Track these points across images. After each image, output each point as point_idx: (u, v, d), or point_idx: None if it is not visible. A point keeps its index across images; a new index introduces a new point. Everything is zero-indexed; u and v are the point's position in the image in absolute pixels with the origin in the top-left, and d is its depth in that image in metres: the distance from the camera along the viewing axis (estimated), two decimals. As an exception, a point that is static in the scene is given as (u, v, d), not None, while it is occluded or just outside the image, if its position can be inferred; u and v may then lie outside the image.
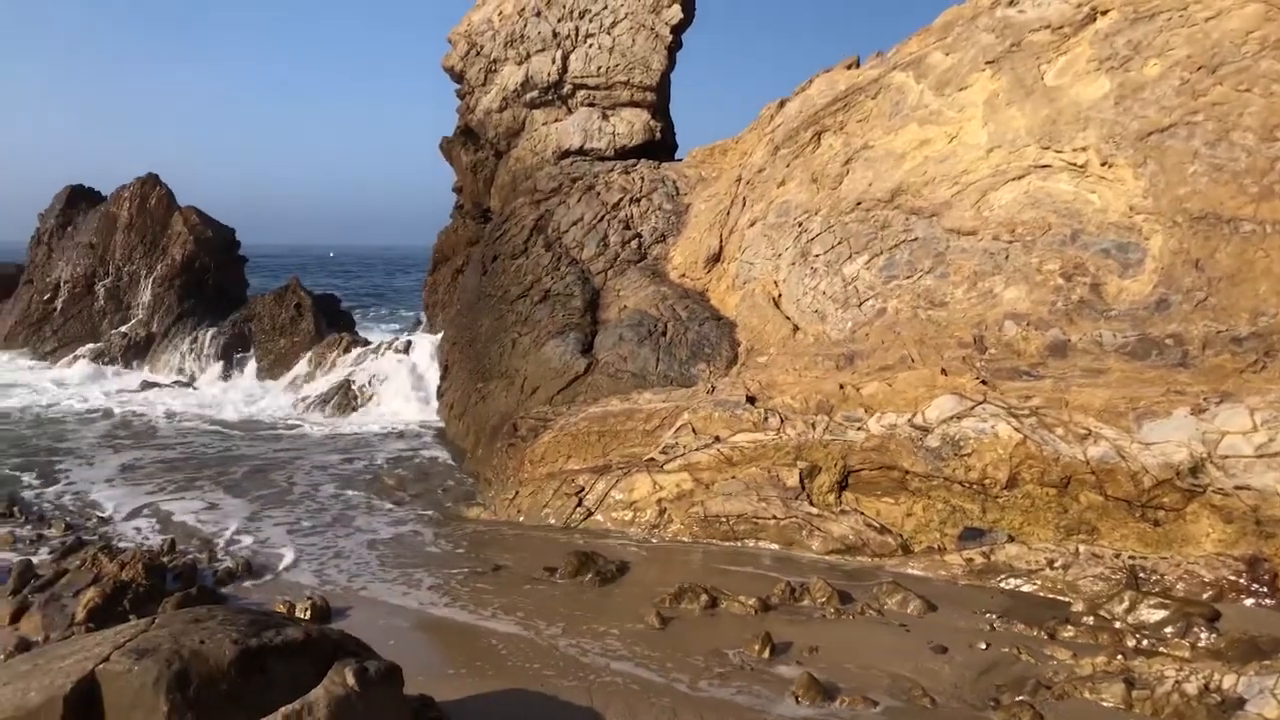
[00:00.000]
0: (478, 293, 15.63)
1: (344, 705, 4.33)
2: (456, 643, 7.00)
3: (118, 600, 7.35)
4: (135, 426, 16.20)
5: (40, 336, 26.83)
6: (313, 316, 22.03)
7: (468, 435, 13.65)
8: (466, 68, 18.78)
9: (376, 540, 9.64)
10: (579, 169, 16.02)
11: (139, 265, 26.85)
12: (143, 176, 27.68)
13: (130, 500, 11.36)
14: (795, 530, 8.53)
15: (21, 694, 3.99)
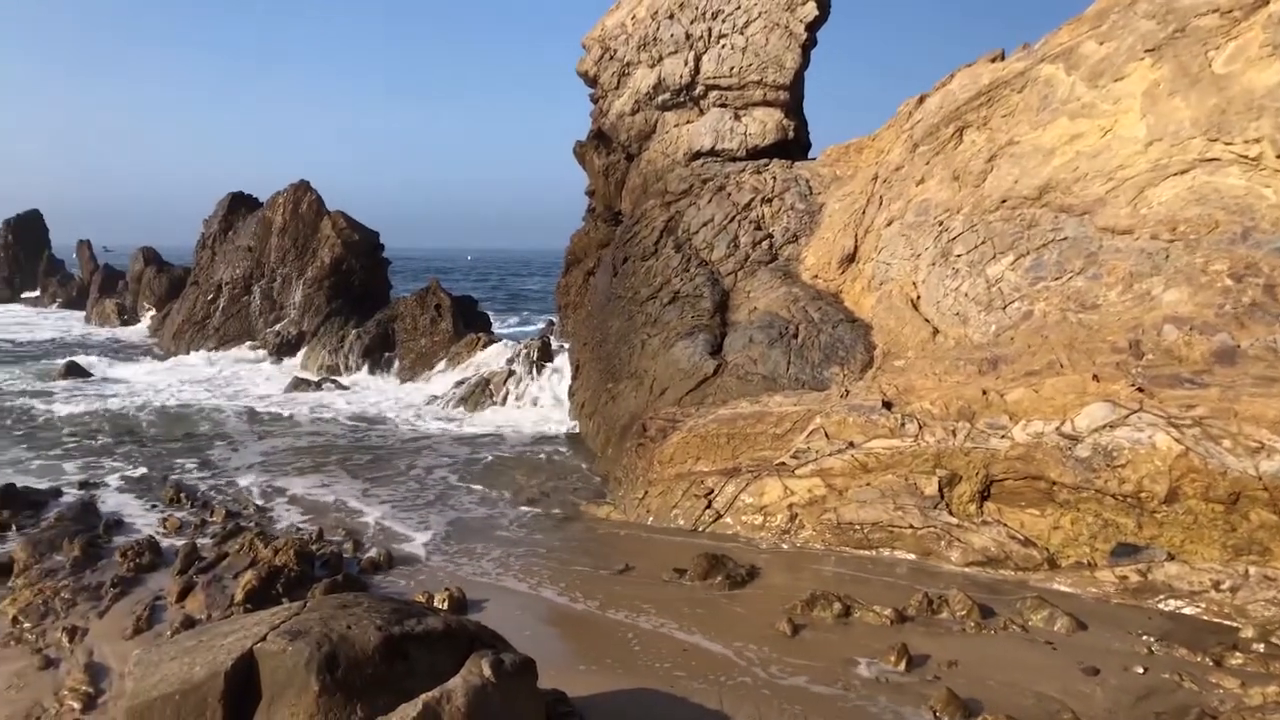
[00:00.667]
0: (608, 294, 15.79)
1: (481, 695, 4.42)
2: (588, 639, 7.07)
3: (272, 584, 7.75)
4: (286, 421, 17.09)
5: (204, 334, 28.74)
6: (452, 317, 22.75)
7: (598, 435, 13.80)
8: (600, 72, 19.03)
9: (510, 536, 9.86)
10: (710, 170, 15.97)
11: (291, 267, 28.39)
12: (295, 183, 29.27)
13: (282, 490, 11.99)
14: (933, 540, 8.24)
15: (188, 668, 4.24)
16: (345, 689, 4.26)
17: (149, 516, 10.74)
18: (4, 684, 6.29)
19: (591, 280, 18.43)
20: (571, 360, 17.14)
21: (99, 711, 5.80)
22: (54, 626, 7.29)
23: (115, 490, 11.93)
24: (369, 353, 23.65)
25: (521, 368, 17.88)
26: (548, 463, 13.55)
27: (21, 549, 8.99)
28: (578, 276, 19.94)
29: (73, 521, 9.98)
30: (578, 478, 12.51)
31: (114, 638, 7.09)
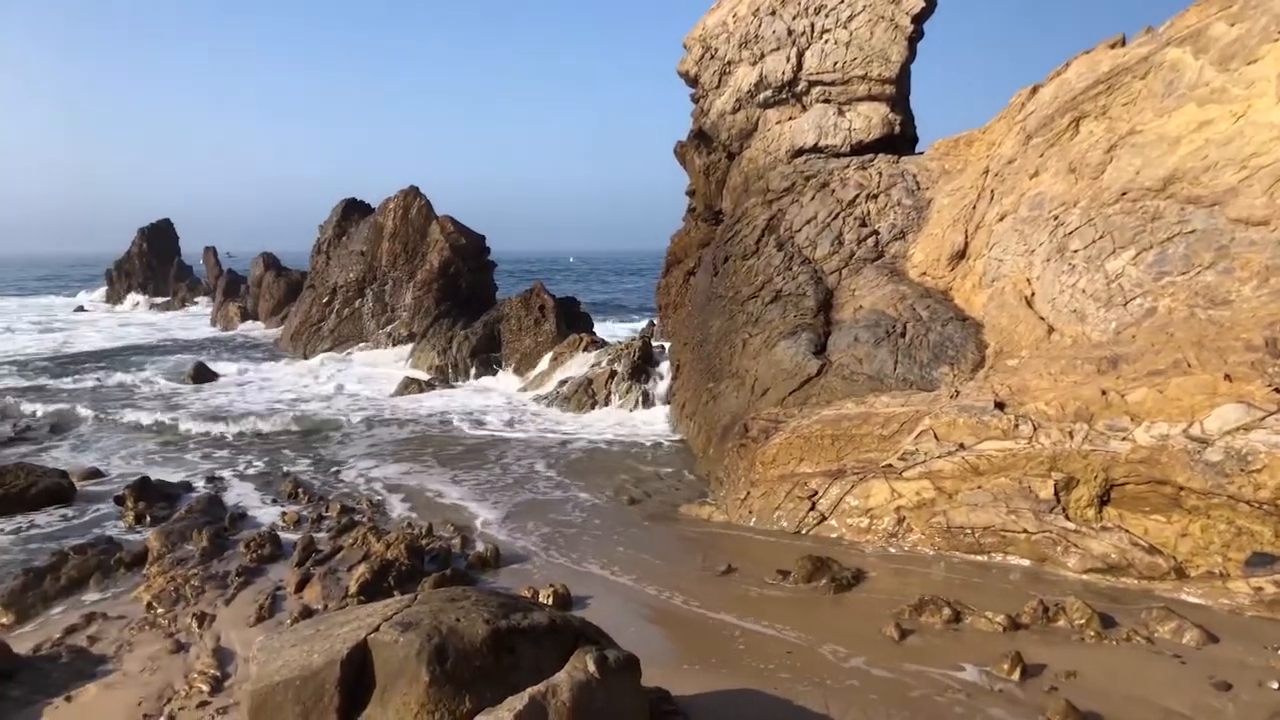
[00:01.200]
0: (709, 294, 15.74)
1: (585, 691, 4.46)
2: (691, 638, 7.05)
3: (384, 577, 8.01)
4: (396, 420, 17.61)
5: (319, 336, 29.90)
6: (555, 318, 23.08)
7: (698, 435, 13.77)
8: (701, 71, 18.99)
9: (613, 535, 9.92)
10: (813, 167, 15.74)
11: (401, 271, 29.30)
12: (405, 189, 30.20)
13: (393, 486, 12.38)
14: (1049, 546, 7.92)
15: (306, 655, 4.41)
16: (454, 681, 4.36)
17: (269, 510, 11.24)
18: (139, 666, 6.67)
19: (692, 280, 18.40)
20: (672, 360, 17.17)
21: (225, 694, 6.09)
22: (184, 612, 7.71)
23: (239, 484, 12.53)
24: (476, 353, 24.19)
25: (622, 368, 17.98)
26: (649, 463, 13.59)
27: (155, 538, 9.53)
28: (678, 276, 19.94)
29: (201, 514, 10.53)
30: (678, 478, 12.51)
31: (239, 624, 7.45)
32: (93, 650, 6.99)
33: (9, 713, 5.86)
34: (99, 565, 8.87)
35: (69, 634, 7.33)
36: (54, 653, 6.90)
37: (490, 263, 30.04)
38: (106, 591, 8.48)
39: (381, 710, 4.29)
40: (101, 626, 7.49)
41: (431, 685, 4.28)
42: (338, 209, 34.06)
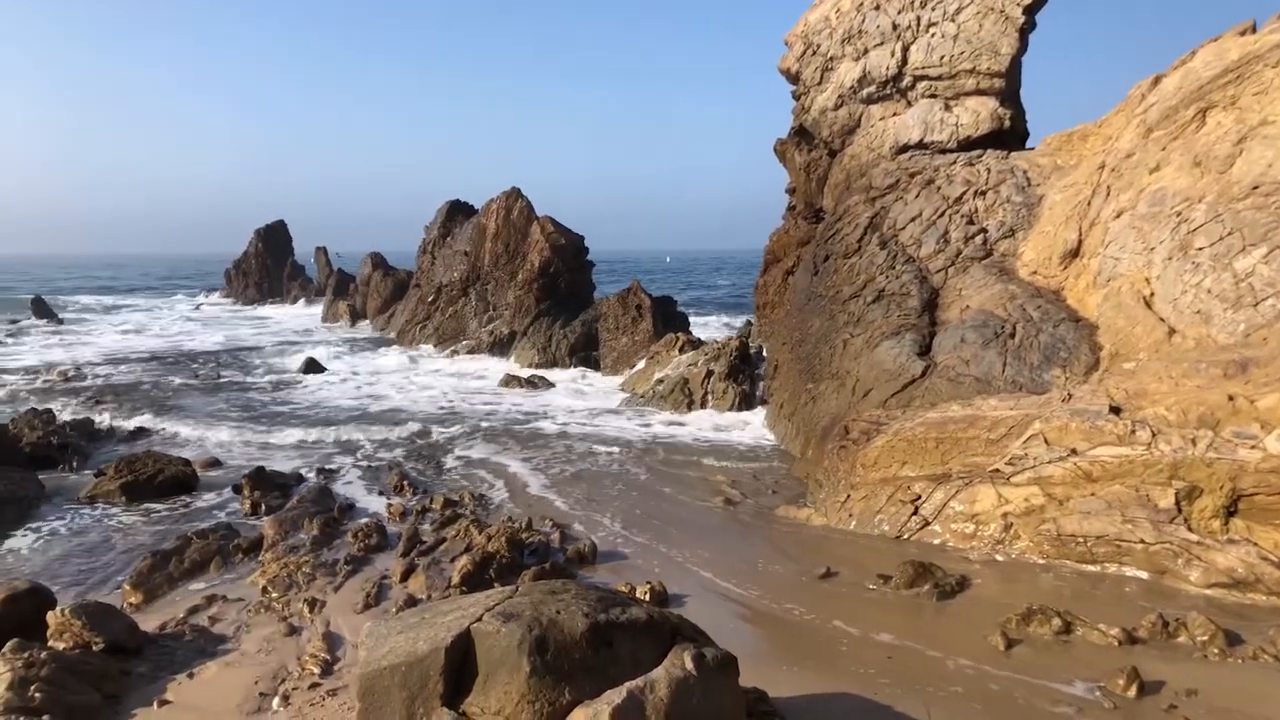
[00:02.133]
0: (808, 293, 15.54)
1: (683, 687, 4.46)
2: (788, 640, 6.98)
3: (485, 568, 8.17)
4: (497, 415, 17.95)
5: (424, 333, 30.73)
6: (652, 317, 23.17)
7: (796, 436, 13.61)
8: (802, 68, 18.76)
9: (709, 535, 9.90)
10: (918, 163, 15.38)
11: (503, 270, 29.85)
12: (507, 190, 30.76)
13: (493, 480, 12.61)
14: (1168, 558, 7.55)
15: (412, 642, 4.53)
16: (554, 672, 4.41)
17: (376, 501, 11.60)
18: (256, 646, 6.97)
19: (791, 279, 18.20)
20: (769, 360, 17.02)
21: (335, 677, 6.31)
22: (297, 597, 8.02)
23: (347, 476, 12.98)
24: (574, 351, 24.50)
25: (719, 368, 17.91)
26: (745, 463, 13.49)
27: (270, 526, 9.95)
28: (776, 275, 19.75)
29: (312, 503, 10.93)
30: (775, 480, 12.38)
31: (347, 611, 7.70)
32: (213, 630, 7.34)
33: (137, 688, 6.19)
34: (219, 550, 9.31)
35: (191, 614, 7.72)
36: (178, 631, 7.27)
37: (589, 262, 30.35)
38: (225, 575, 8.89)
39: (484, 698, 4.38)
40: (221, 608, 7.86)
41: (532, 676, 4.35)
42: (443, 210, 34.92)
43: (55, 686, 5.72)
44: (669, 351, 20.82)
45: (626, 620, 4.75)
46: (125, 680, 6.24)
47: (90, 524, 10.76)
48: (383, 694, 4.41)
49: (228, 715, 5.75)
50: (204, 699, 5.99)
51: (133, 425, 16.86)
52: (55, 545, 10.01)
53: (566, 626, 4.57)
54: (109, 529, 10.58)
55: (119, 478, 11.76)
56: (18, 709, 5.43)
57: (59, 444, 14.32)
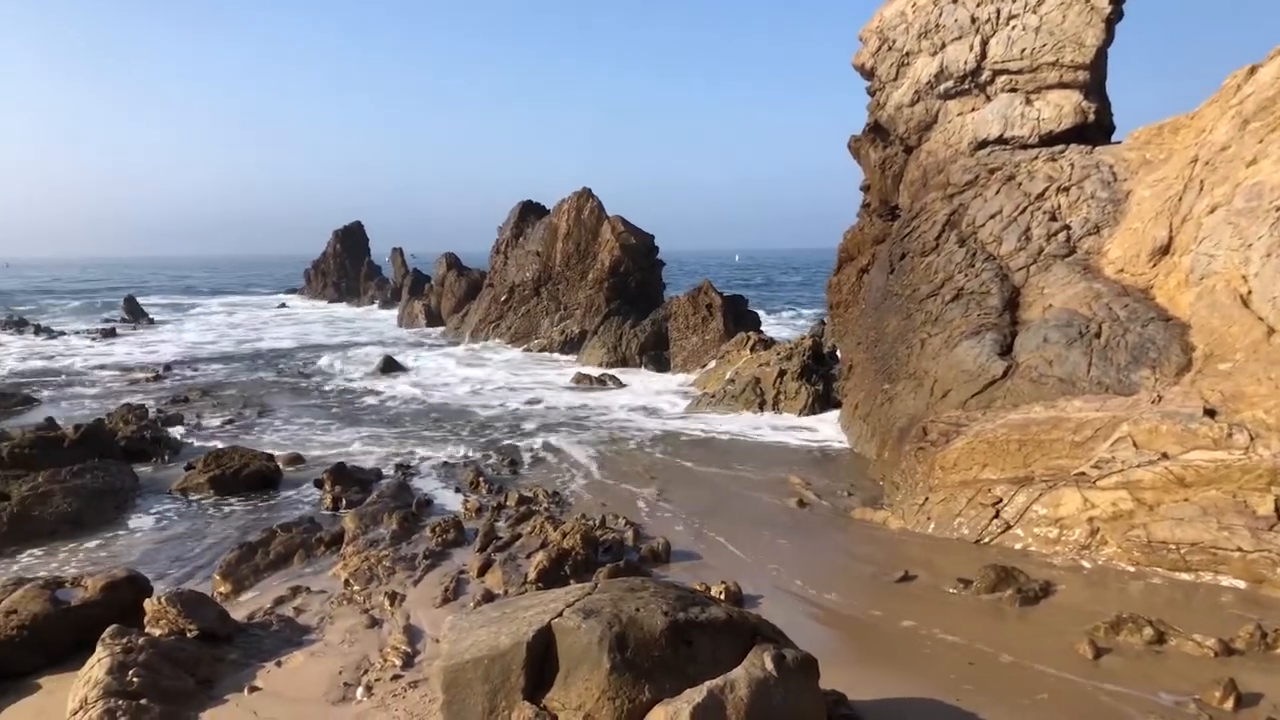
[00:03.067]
0: (884, 292, 15.30)
1: (763, 688, 4.43)
2: (866, 643, 6.89)
3: (561, 565, 8.24)
4: (569, 413, 18.08)
5: (497, 332, 31.13)
6: (722, 316, 23.09)
7: (872, 437, 13.42)
8: (877, 64, 18.47)
9: (783, 536, 9.82)
10: (997, 159, 15.02)
11: (574, 270, 30.07)
12: (578, 191, 30.97)
13: (565, 478, 12.71)
14: (1267, 566, 7.24)
15: (494, 636, 4.59)
16: (633, 669, 4.43)
17: (453, 497, 11.80)
18: (339, 637, 7.14)
19: (865, 278, 17.93)
20: (843, 360, 16.81)
21: (415, 669, 6.43)
22: (377, 590, 8.19)
23: (424, 472, 13.21)
24: (644, 350, 24.55)
25: (792, 367, 17.76)
26: (819, 464, 13.35)
27: (351, 520, 10.18)
28: (850, 274, 19.48)
29: (391, 499, 11.16)
30: (850, 481, 12.22)
31: (426, 605, 7.84)
32: (298, 620, 7.55)
33: (228, 674, 6.40)
34: (302, 543, 9.57)
35: (278, 604, 7.95)
36: (265, 621, 7.50)
37: (659, 261, 30.39)
38: (309, 567, 9.14)
39: (565, 693, 4.41)
40: (305, 599, 8.07)
41: (612, 672, 4.37)
42: (515, 211, 35.32)
43: (151, 671, 5.94)
44: (740, 351, 20.71)
45: (706, 619, 4.75)
46: (217, 666, 6.45)
47: (181, 515, 11.16)
48: (466, 687, 4.48)
49: (314, 703, 5.90)
50: (292, 687, 6.17)
51: (219, 421, 17.43)
52: (149, 535, 10.41)
53: (646, 624, 4.58)
54: (198, 521, 10.96)
55: (207, 471, 12.16)
56: (116, 692, 5.65)
57: (151, 438, 14.87)
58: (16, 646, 6.60)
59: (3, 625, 6.64)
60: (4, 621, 6.66)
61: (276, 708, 5.81)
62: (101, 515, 10.84)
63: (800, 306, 49.33)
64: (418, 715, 5.62)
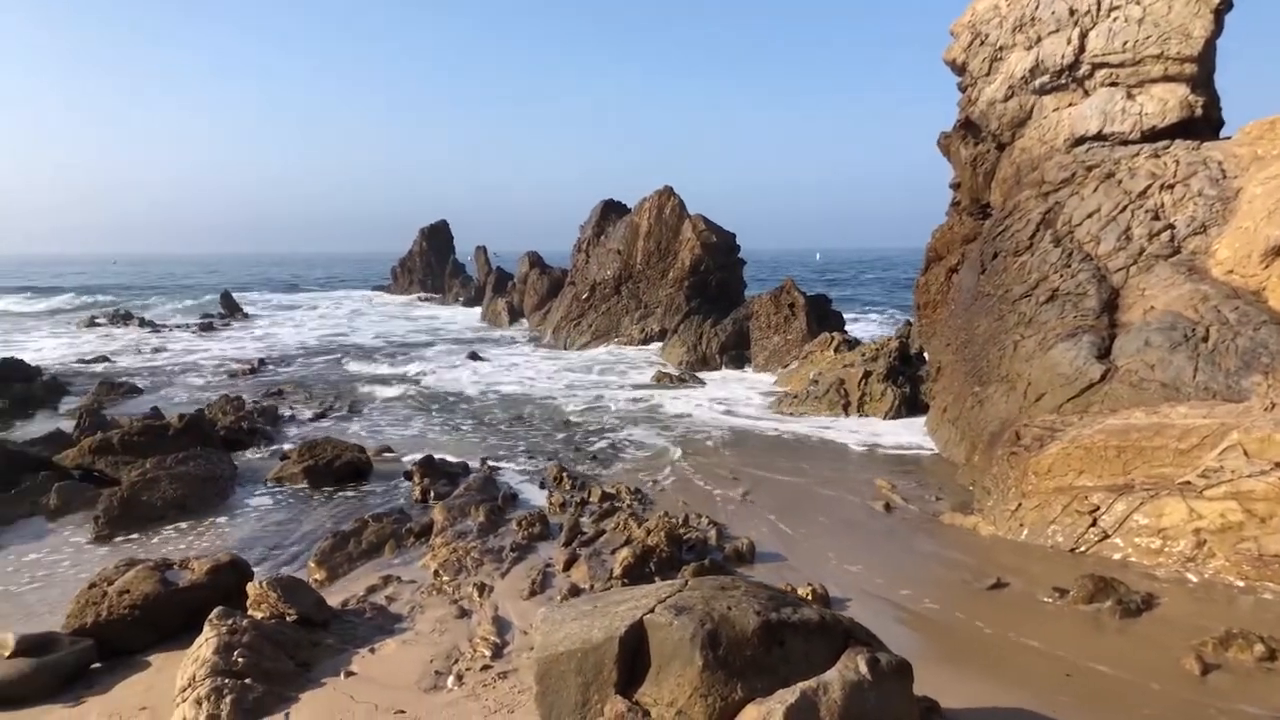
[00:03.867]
0: (974, 292, 14.94)
1: (857, 691, 4.37)
2: (958, 650, 6.74)
3: (645, 562, 8.26)
4: (649, 412, 18.12)
5: (578, 330, 31.37)
6: (805, 316, 22.85)
7: (961, 441, 13.11)
8: (969, 59, 18.05)
9: (871, 540, 9.69)
10: (1096, 156, 14.52)
11: (654, 268, 30.13)
12: (660, 189, 31.00)
13: (647, 476, 12.73)
14: (1392, 585, 6.86)
15: (587, 629, 4.63)
16: (726, 667, 4.41)
17: (536, 491, 11.94)
18: (429, 626, 7.29)
19: (954, 278, 17.54)
20: (931, 362, 16.47)
21: (505, 660, 6.53)
22: (466, 581, 8.34)
23: (509, 466, 13.40)
24: (725, 350, 24.45)
25: (878, 369, 17.47)
26: (905, 467, 13.12)
27: (440, 512, 10.39)
28: (939, 274, 19.07)
29: (478, 492, 11.34)
30: (938, 485, 11.97)
31: (513, 597, 7.95)
32: (390, 609, 7.73)
33: (325, 658, 6.60)
34: (392, 533, 9.80)
35: (370, 593, 8.16)
36: (359, 608, 7.71)
37: (740, 260, 30.23)
38: (398, 557, 9.35)
39: (657, 689, 4.43)
40: (397, 589, 8.26)
41: (705, 670, 4.36)
42: (597, 209, 35.55)
43: (254, 652, 6.16)
44: (823, 351, 20.48)
45: (799, 620, 4.70)
46: (315, 650, 6.66)
47: (277, 503, 11.55)
48: (559, 678, 4.53)
49: (407, 690, 6.04)
50: (385, 673, 6.32)
51: (310, 412, 17.97)
52: (247, 522, 10.79)
53: (738, 623, 4.56)
54: (293, 509, 11.32)
55: (302, 462, 12.55)
56: (223, 671, 5.88)
57: (248, 429, 15.43)
58: (129, 624, 6.93)
59: (116, 604, 6.97)
60: (118, 600, 6.98)
61: (372, 692, 5.96)
62: (204, 501, 11.27)
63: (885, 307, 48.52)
64: (507, 706, 5.70)
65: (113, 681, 6.47)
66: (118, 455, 12.39)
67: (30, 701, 6.10)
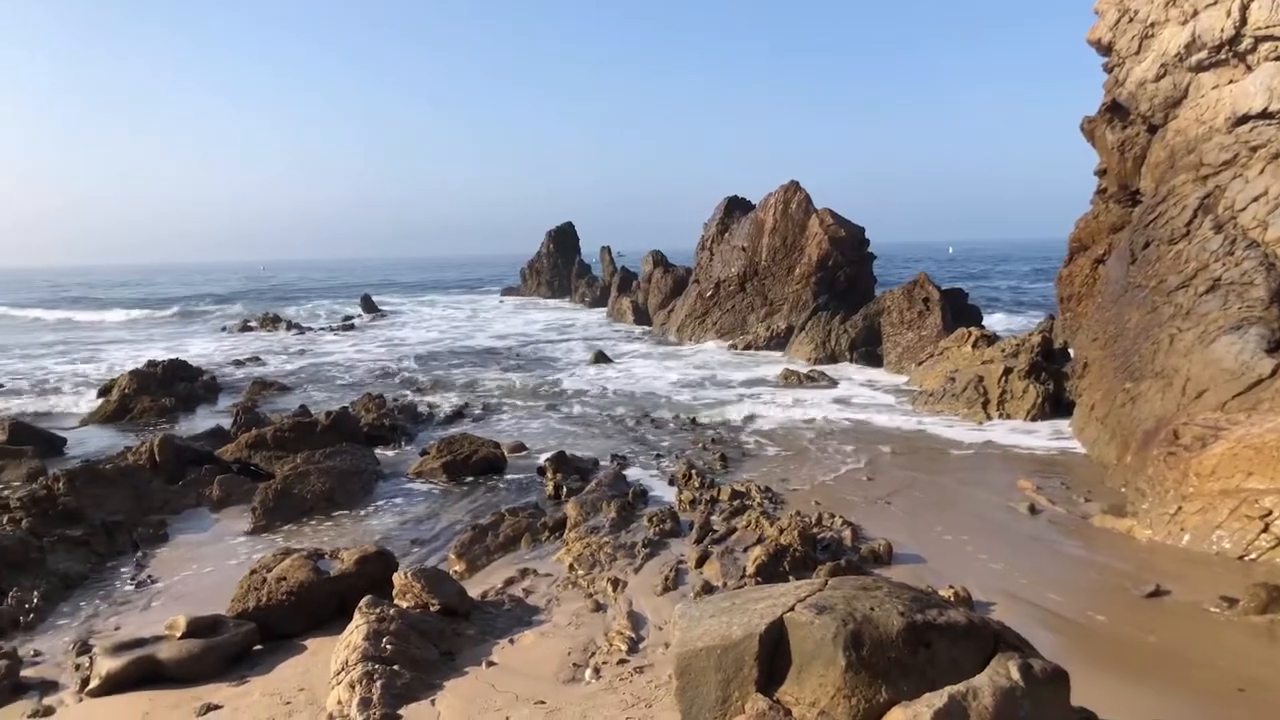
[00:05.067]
0: (1124, 283, 14.14)
1: (1009, 698, 4.18)
2: (1114, 660, 6.39)
3: (779, 560, 8.17)
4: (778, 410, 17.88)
5: (703, 328, 31.33)
6: (940, 311, 22.15)
7: (1111, 441, 12.42)
8: (1116, 38, 17.11)
9: (1017, 541, 9.30)
10: (1261, 135, 13.49)
11: (780, 265, 29.78)
12: (785, 184, 30.60)
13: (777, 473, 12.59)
14: None
15: (726, 626, 4.60)
16: (870, 668, 4.30)
17: (665, 488, 11.98)
18: (566, 619, 7.41)
19: (1101, 268, 16.66)
20: (1077, 358, 15.67)
21: (640, 655, 6.57)
22: (600, 576, 8.44)
23: (639, 463, 13.51)
24: (855, 346, 23.96)
25: (1019, 365, 16.74)
26: (1050, 467, 12.52)
27: (573, 508, 10.55)
28: (1084, 265, 18.16)
29: (609, 488, 11.47)
30: (1086, 486, 11.37)
31: (647, 592, 8.00)
32: (527, 601, 7.91)
33: (467, 648, 6.79)
34: (528, 527, 10.02)
35: (508, 585, 8.36)
36: (498, 600, 7.91)
37: (869, 254, 29.54)
38: (534, 551, 9.56)
39: (798, 688, 4.36)
40: (533, 581, 8.45)
41: (848, 670, 4.27)
42: (721, 206, 35.40)
43: (402, 640, 6.40)
44: (960, 347, 19.78)
45: (945, 623, 4.54)
46: (457, 640, 6.86)
47: (417, 497, 11.98)
48: (699, 674, 4.52)
49: (546, 681, 6.15)
50: (525, 664, 6.46)
51: (447, 410, 18.56)
52: (390, 515, 11.24)
53: (882, 624, 4.44)
54: (433, 503, 11.72)
55: (440, 457, 12.98)
56: (373, 657, 6.12)
57: (389, 425, 16.06)
58: (286, 609, 7.32)
59: (275, 590, 7.37)
60: (276, 587, 7.38)
61: (513, 682, 6.10)
62: (350, 495, 11.80)
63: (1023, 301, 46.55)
64: (645, 700, 5.73)
65: (273, 662, 6.85)
66: (271, 450, 13.11)
67: (200, 680, 6.52)
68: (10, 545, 8.83)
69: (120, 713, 6.16)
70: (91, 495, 10.77)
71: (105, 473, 11.40)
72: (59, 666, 7.10)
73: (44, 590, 8.42)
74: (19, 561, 8.76)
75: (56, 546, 9.42)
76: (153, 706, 6.21)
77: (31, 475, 12.32)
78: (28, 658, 7.22)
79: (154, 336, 40.24)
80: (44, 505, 10.16)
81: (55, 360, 29.69)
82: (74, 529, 9.86)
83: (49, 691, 6.64)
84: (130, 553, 9.90)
